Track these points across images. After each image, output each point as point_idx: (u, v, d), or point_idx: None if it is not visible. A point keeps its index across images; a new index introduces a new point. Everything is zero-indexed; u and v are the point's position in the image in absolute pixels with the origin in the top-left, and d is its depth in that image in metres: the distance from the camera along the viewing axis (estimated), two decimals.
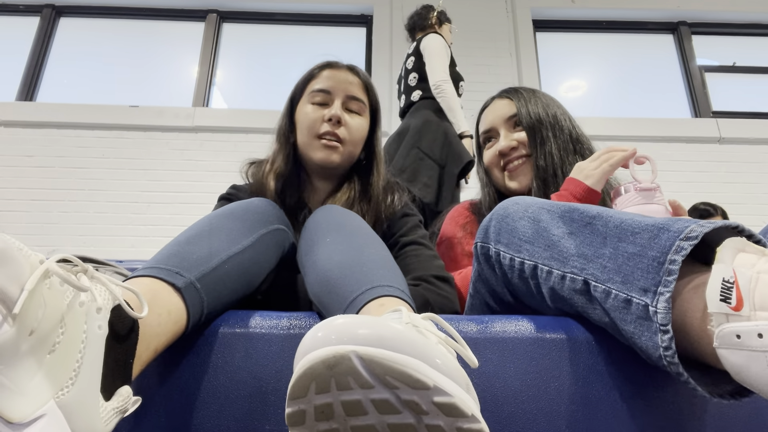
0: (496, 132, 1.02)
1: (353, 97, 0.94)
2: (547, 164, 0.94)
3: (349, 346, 0.29)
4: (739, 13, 3.48)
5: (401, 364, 0.29)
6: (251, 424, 0.49)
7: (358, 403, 0.31)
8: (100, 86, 3.26)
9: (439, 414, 0.31)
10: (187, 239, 0.56)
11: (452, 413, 0.31)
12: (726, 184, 3.04)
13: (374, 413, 0.31)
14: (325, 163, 0.92)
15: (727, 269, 0.38)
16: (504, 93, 1.05)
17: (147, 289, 0.46)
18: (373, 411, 0.31)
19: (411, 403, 0.30)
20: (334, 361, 0.29)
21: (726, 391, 0.44)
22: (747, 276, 0.37)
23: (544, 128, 0.96)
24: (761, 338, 0.35)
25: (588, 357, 0.53)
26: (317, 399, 0.31)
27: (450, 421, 0.31)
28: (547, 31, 3.52)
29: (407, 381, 0.30)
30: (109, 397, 0.37)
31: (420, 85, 2.04)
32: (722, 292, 0.37)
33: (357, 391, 0.30)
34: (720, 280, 0.38)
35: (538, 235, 0.56)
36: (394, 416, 0.31)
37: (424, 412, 0.31)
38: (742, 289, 0.36)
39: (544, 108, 0.99)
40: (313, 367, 0.30)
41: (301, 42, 3.46)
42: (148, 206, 2.92)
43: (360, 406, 0.31)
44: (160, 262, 0.51)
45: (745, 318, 0.36)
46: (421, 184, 1.76)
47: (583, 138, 1.00)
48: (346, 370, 0.29)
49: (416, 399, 0.30)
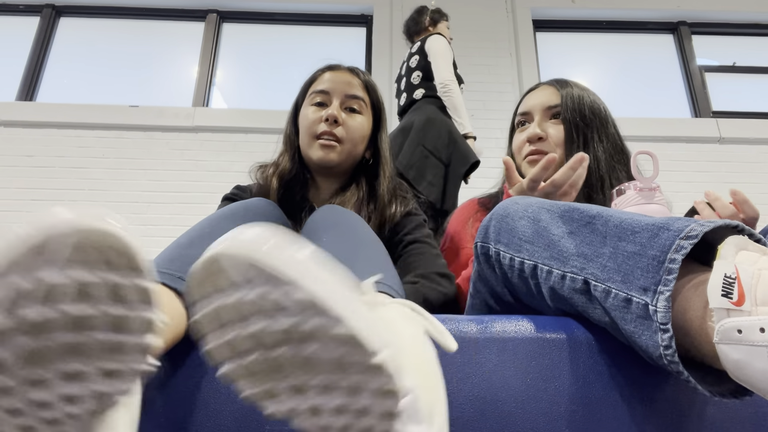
0: (531, 117, 0.97)
1: (352, 95, 0.95)
2: (591, 167, 0.88)
3: (224, 249, 0.30)
4: (739, 13, 3.48)
5: (258, 259, 0.30)
6: (251, 424, 0.49)
7: (238, 306, 0.31)
8: (100, 86, 3.26)
9: (307, 315, 0.31)
10: (188, 241, 0.56)
11: (319, 313, 0.30)
12: (726, 184, 3.03)
13: (256, 317, 0.31)
14: (323, 162, 0.92)
15: (729, 265, 0.38)
16: (553, 81, 1.00)
17: None
18: (253, 314, 0.31)
19: (277, 303, 0.30)
20: (207, 262, 0.30)
21: (726, 390, 0.44)
22: (749, 272, 0.37)
23: (588, 129, 0.92)
24: (763, 333, 0.35)
25: (588, 357, 0.53)
26: (206, 305, 0.32)
27: (322, 323, 0.31)
28: (547, 31, 3.52)
29: (265, 276, 0.30)
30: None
31: (424, 83, 2.02)
32: (724, 287, 0.37)
33: (232, 292, 0.31)
34: (722, 276, 0.38)
35: (537, 234, 0.56)
36: (272, 320, 0.31)
37: (293, 313, 0.31)
38: (744, 284, 0.36)
39: (591, 108, 0.94)
40: (194, 270, 0.31)
41: (301, 42, 3.46)
42: (148, 206, 2.92)
43: (240, 309, 0.31)
44: (161, 265, 0.51)
45: (746, 313, 0.36)
46: (426, 183, 1.76)
47: (627, 151, 0.95)
48: (217, 270, 0.30)
49: (279, 297, 0.30)
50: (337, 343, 0.31)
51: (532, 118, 0.98)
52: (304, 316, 0.31)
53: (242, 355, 0.33)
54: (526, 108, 1.00)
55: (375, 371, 0.32)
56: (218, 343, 0.33)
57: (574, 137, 0.92)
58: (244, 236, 0.30)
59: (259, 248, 0.30)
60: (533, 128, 0.95)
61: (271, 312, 0.31)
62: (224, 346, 0.33)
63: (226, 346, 0.33)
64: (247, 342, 0.32)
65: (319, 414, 0.35)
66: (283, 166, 0.95)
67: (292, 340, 0.32)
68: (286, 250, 0.31)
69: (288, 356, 0.32)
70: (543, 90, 1.00)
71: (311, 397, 0.34)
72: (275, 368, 0.33)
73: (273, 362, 0.33)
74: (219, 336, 0.33)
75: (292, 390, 0.34)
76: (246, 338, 0.32)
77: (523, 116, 1.00)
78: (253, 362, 0.33)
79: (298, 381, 0.34)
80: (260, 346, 0.32)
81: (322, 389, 0.34)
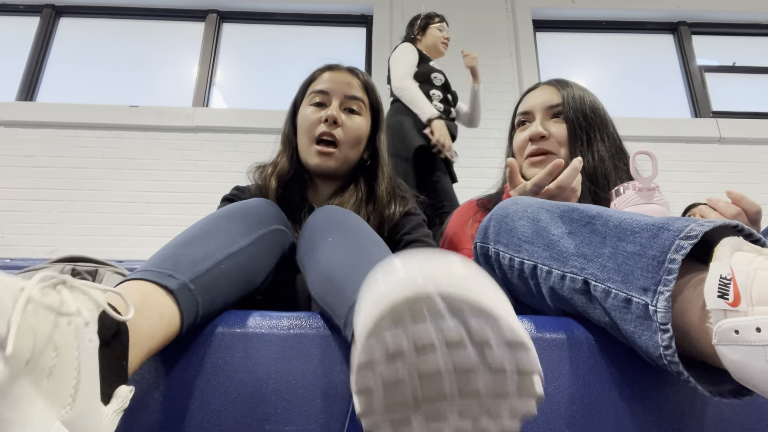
0: (533, 117, 0.97)
1: (352, 96, 0.94)
2: (596, 165, 0.89)
3: (432, 287, 0.32)
4: (739, 13, 3.48)
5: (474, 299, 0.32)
6: (251, 424, 0.49)
7: (428, 335, 0.32)
8: (100, 86, 3.26)
9: (505, 350, 0.33)
10: (183, 241, 0.56)
11: (515, 348, 0.33)
12: (726, 184, 3.04)
13: (441, 349, 0.33)
14: (321, 169, 0.92)
15: (724, 266, 0.38)
16: (553, 81, 1.01)
17: (138, 292, 0.46)
18: (441, 347, 0.33)
19: (480, 340, 0.32)
20: (415, 298, 0.32)
21: (726, 390, 0.44)
22: (744, 272, 0.37)
23: (590, 128, 0.92)
24: (759, 332, 0.35)
25: (588, 357, 0.53)
26: (388, 332, 0.33)
27: (513, 357, 0.33)
28: (547, 31, 3.52)
29: (479, 313, 0.32)
30: (108, 400, 0.37)
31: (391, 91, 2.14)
32: (720, 288, 0.37)
33: (428, 322, 0.32)
34: (717, 277, 0.38)
35: (537, 234, 0.56)
36: (459, 352, 0.33)
37: (491, 347, 0.33)
38: (740, 285, 0.37)
39: (592, 108, 0.95)
40: (395, 304, 0.32)
41: (301, 42, 3.46)
42: (148, 206, 2.92)
43: (429, 337, 0.32)
44: (153, 265, 0.50)
45: (743, 313, 0.36)
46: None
47: (626, 152, 0.96)
48: (426, 305, 0.32)
49: (486, 335, 0.32)
50: (516, 371, 0.34)
51: (533, 117, 0.98)
52: (500, 350, 0.33)
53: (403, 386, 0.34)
54: (526, 107, 0.99)
55: (529, 396, 0.34)
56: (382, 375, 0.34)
57: (578, 135, 0.92)
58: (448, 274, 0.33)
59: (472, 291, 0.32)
60: (536, 127, 0.95)
61: (463, 346, 0.33)
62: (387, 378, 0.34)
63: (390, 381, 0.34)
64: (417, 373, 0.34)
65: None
66: (281, 166, 0.94)
67: (466, 370, 0.33)
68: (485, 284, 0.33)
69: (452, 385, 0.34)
70: (543, 90, 1.00)
71: (442, 423, 0.36)
72: (430, 397, 0.34)
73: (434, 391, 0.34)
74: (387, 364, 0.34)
75: (429, 417, 0.35)
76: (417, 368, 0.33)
77: (523, 116, 1.00)
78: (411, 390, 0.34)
79: (442, 408, 0.35)
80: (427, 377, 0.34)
81: (460, 414, 0.35)
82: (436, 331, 0.32)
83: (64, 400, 0.33)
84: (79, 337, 0.35)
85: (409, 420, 0.35)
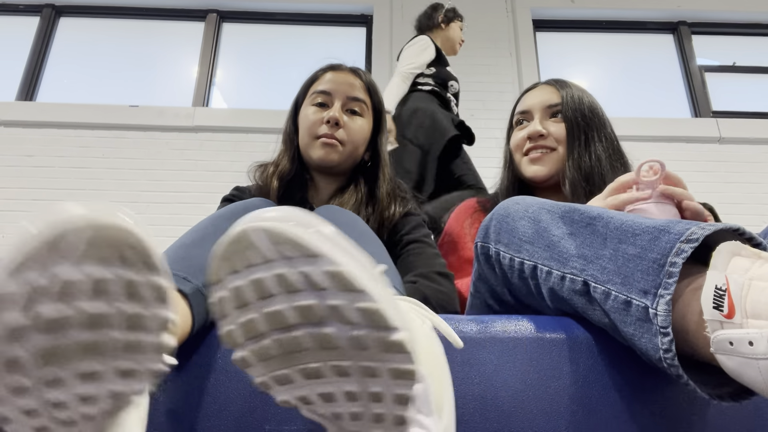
0: (531, 116, 0.98)
1: (354, 98, 0.94)
2: (593, 165, 0.90)
3: (252, 224, 0.30)
4: (739, 13, 3.48)
5: (293, 234, 0.30)
6: (251, 424, 0.49)
7: (263, 282, 0.31)
8: (100, 86, 3.26)
9: (336, 290, 0.31)
10: (192, 242, 0.56)
11: (346, 287, 0.31)
12: (726, 184, 3.04)
13: (280, 294, 0.31)
14: (324, 161, 0.92)
15: (720, 276, 0.38)
16: (552, 81, 1.01)
17: None
18: (278, 290, 0.31)
19: (307, 276, 0.30)
20: (238, 237, 0.30)
21: (726, 393, 0.44)
22: (739, 283, 0.37)
23: (588, 128, 0.93)
24: (752, 346, 0.35)
25: (588, 357, 0.53)
26: (230, 282, 0.32)
27: (347, 297, 0.31)
28: (547, 31, 3.52)
29: (300, 249, 0.30)
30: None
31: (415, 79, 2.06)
32: (715, 299, 0.38)
33: (260, 267, 0.31)
34: (713, 287, 0.38)
35: (538, 235, 0.56)
36: (297, 296, 0.31)
37: (320, 287, 0.31)
38: (734, 296, 0.37)
39: (590, 108, 0.95)
40: (222, 246, 0.31)
41: (301, 42, 3.46)
42: (148, 206, 2.92)
43: (266, 285, 0.31)
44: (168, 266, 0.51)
45: (737, 325, 0.36)
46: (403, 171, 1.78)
47: (624, 152, 0.96)
48: (248, 245, 0.30)
49: (310, 270, 0.30)
50: (359, 318, 0.31)
51: (532, 116, 0.98)
52: (331, 290, 0.31)
53: (259, 338, 0.33)
54: (525, 107, 1.00)
55: (393, 349, 0.32)
56: (237, 324, 0.33)
57: (576, 135, 0.92)
58: (273, 213, 0.31)
59: (289, 223, 0.30)
60: (535, 125, 0.95)
61: (296, 288, 0.31)
62: (242, 328, 0.33)
63: (245, 327, 0.33)
64: (266, 323, 0.32)
65: (331, 400, 0.35)
66: (282, 166, 0.95)
67: (313, 318, 0.32)
68: (315, 226, 0.31)
69: (306, 337, 0.32)
70: (542, 89, 1.00)
71: (325, 383, 0.34)
72: (291, 352, 0.33)
73: (290, 345, 0.33)
74: (239, 317, 0.33)
75: (306, 375, 0.34)
76: (265, 318, 0.32)
77: (522, 115, 1.00)
78: (270, 345, 0.33)
79: (314, 364, 0.34)
80: (278, 329, 0.32)
81: (337, 373, 0.34)
82: (269, 276, 0.31)
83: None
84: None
85: (290, 378, 0.34)
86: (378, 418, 0.35)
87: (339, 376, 0.34)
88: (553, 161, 0.94)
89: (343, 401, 0.35)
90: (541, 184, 0.97)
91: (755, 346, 0.35)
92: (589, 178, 0.89)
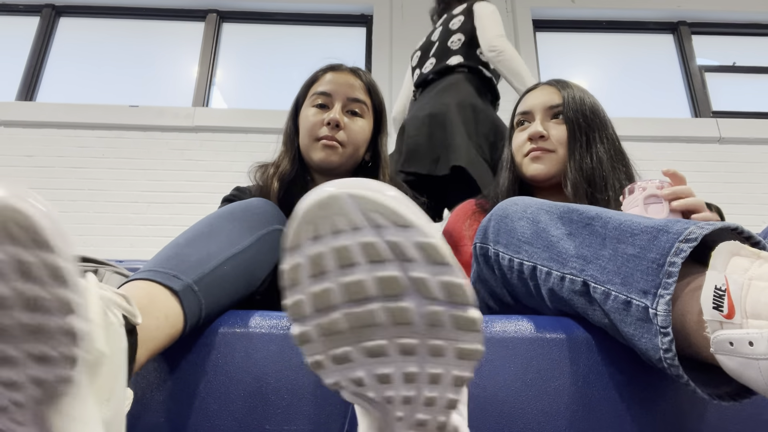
0: (532, 117, 0.98)
1: (354, 98, 0.94)
2: (594, 166, 0.89)
3: (343, 189, 0.30)
4: (739, 13, 3.48)
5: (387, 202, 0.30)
6: (251, 423, 0.49)
7: (347, 250, 0.30)
8: (100, 86, 3.26)
9: (422, 262, 0.31)
10: (186, 241, 0.56)
11: (434, 259, 0.30)
12: (726, 184, 3.04)
13: (363, 263, 0.31)
14: (325, 163, 0.92)
15: (719, 276, 0.38)
16: (553, 81, 1.01)
17: (144, 293, 0.46)
18: (362, 260, 0.31)
19: (395, 246, 0.30)
20: (327, 201, 0.30)
21: (726, 393, 0.44)
22: (738, 283, 0.37)
23: (590, 129, 0.93)
24: (752, 346, 0.35)
25: (588, 357, 0.53)
26: (310, 248, 0.31)
27: (433, 270, 0.31)
28: (547, 31, 3.52)
29: (393, 218, 0.30)
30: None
31: (464, 50, 1.58)
32: (714, 299, 0.38)
33: (347, 233, 0.30)
34: (713, 288, 0.38)
35: (537, 235, 0.56)
36: (381, 266, 0.31)
37: (407, 258, 0.30)
38: (734, 296, 0.37)
39: (592, 109, 0.95)
40: (309, 209, 0.30)
41: (301, 42, 3.46)
42: (148, 206, 2.92)
43: (350, 253, 0.30)
44: (158, 264, 0.51)
45: (737, 325, 0.36)
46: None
47: (625, 153, 0.96)
48: (338, 210, 0.29)
49: (401, 240, 0.30)
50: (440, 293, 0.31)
51: (533, 117, 0.98)
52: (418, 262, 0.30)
53: (329, 310, 0.32)
54: (526, 107, 1.00)
55: (466, 327, 0.32)
56: (309, 294, 0.32)
57: (577, 137, 0.92)
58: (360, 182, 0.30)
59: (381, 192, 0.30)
60: (536, 126, 0.95)
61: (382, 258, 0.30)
62: (314, 298, 0.32)
63: (317, 298, 0.32)
64: (342, 294, 0.31)
65: (387, 382, 0.34)
66: (283, 167, 0.94)
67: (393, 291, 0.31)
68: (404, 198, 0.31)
69: (380, 311, 0.32)
70: (543, 90, 1.00)
71: (386, 362, 0.34)
72: (360, 326, 0.32)
73: (360, 319, 0.32)
74: (311, 285, 0.32)
75: (368, 353, 0.33)
76: (344, 288, 0.31)
77: (523, 115, 1.00)
78: (339, 319, 0.32)
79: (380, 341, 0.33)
80: (353, 300, 0.32)
81: (402, 350, 0.33)
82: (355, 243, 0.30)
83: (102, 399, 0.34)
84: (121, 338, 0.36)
85: (350, 357, 0.33)
86: (430, 401, 0.35)
87: (404, 355, 0.33)
88: (552, 162, 0.94)
89: (399, 383, 0.34)
90: (542, 184, 0.97)
91: (755, 347, 0.35)
92: (591, 179, 0.89)
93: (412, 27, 2.32)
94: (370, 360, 0.33)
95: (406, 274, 0.31)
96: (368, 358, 0.33)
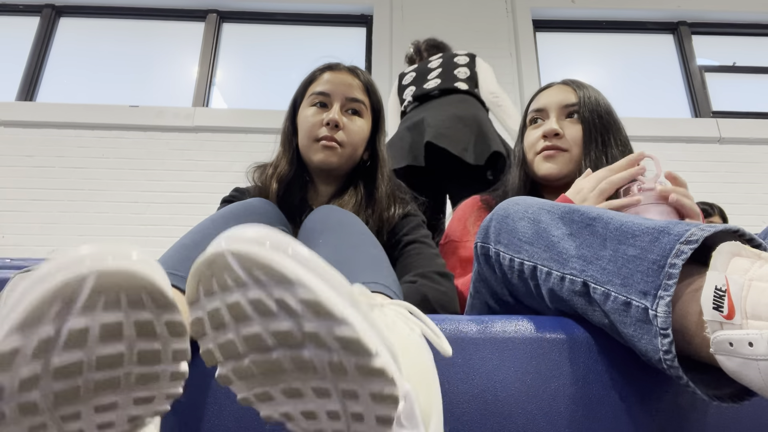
0: (547, 114, 0.97)
1: (353, 98, 0.94)
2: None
3: (228, 246, 0.29)
4: (739, 13, 3.48)
5: (267, 259, 0.29)
6: (251, 423, 0.49)
7: (239, 306, 0.30)
8: (100, 86, 3.26)
9: (311, 317, 0.30)
10: (193, 242, 0.57)
11: (322, 315, 0.30)
12: (726, 184, 3.04)
13: (256, 318, 0.31)
14: (324, 164, 0.92)
15: (720, 277, 0.38)
16: (568, 81, 1.01)
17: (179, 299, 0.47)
18: (254, 315, 0.30)
19: (282, 302, 0.30)
20: (213, 259, 0.30)
21: (726, 394, 0.44)
22: (739, 283, 0.37)
23: (605, 130, 0.92)
24: (752, 347, 0.35)
25: (588, 357, 0.53)
26: (207, 303, 0.31)
27: (324, 325, 0.30)
28: (547, 31, 3.52)
29: (272, 275, 0.29)
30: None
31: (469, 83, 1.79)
32: (715, 300, 0.38)
33: (235, 290, 0.30)
34: (713, 288, 0.38)
35: (537, 235, 0.56)
36: (273, 320, 0.30)
37: (296, 313, 0.30)
38: (734, 297, 0.37)
39: (606, 110, 0.95)
40: (198, 267, 0.30)
41: (301, 42, 3.46)
42: (148, 206, 2.92)
43: (242, 308, 0.30)
44: (171, 267, 0.51)
45: (737, 326, 0.36)
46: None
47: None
48: (223, 267, 0.29)
49: (285, 296, 0.29)
50: (337, 345, 0.31)
51: (547, 115, 0.97)
52: (307, 317, 0.30)
53: (239, 357, 0.33)
54: (540, 105, 0.99)
55: (373, 375, 0.31)
56: (216, 345, 0.33)
57: (593, 137, 0.92)
58: (249, 234, 0.30)
59: (263, 246, 0.30)
60: (551, 124, 0.94)
61: (272, 313, 0.30)
62: (222, 348, 0.33)
63: (224, 347, 0.33)
64: (244, 345, 0.32)
65: (314, 418, 0.35)
66: (282, 168, 0.94)
67: (290, 342, 0.31)
68: (290, 249, 0.30)
69: (285, 359, 0.32)
70: (559, 88, 1.00)
71: (306, 401, 0.34)
72: (271, 372, 0.33)
73: (269, 365, 0.32)
74: (217, 337, 0.32)
75: (287, 394, 0.34)
76: (244, 340, 0.32)
77: (537, 113, 1.00)
78: (249, 366, 0.33)
79: (294, 385, 0.33)
80: (257, 349, 0.32)
81: (317, 393, 0.33)
82: (244, 300, 0.30)
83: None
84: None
85: (271, 396, 0.34)
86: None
87: (319, 397, 0.33)
88: (565, 161, 0.93)
89: (325, 419, 0.35)
90: (553, 183, 0.97)
91: (755, 347, 0.35)
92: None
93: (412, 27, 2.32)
94: (291, 399, 0.34)
95: (299, 329, 0.30)
96: (288, 398, 0.34)
